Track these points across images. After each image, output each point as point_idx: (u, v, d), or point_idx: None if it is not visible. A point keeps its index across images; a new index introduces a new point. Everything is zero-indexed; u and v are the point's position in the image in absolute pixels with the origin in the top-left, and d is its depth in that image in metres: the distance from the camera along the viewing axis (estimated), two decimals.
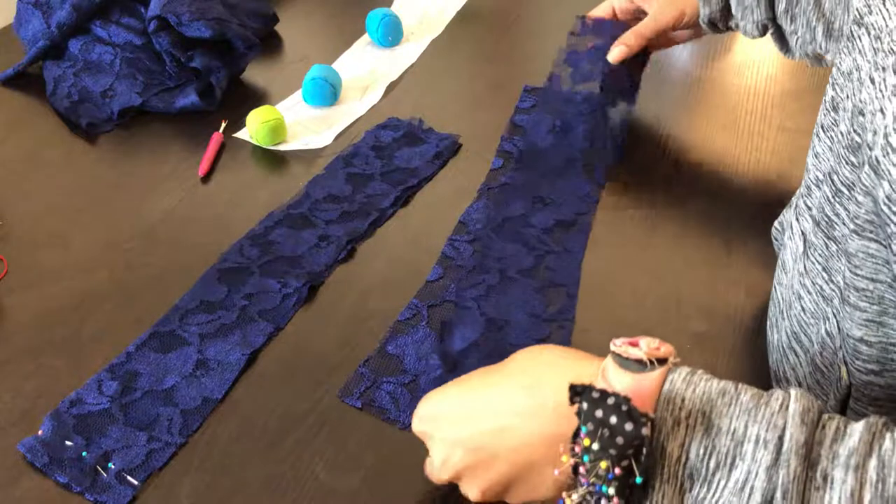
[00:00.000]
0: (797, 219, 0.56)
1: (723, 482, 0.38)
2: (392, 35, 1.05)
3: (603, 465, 0.38)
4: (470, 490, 0.47)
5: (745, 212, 0.77)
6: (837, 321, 0.49)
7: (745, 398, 0.40)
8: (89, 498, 0.52)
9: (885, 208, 0.40)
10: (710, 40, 1.07)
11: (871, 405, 0.48)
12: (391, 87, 0.97)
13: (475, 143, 0.87)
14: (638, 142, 0.87)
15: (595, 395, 0.39)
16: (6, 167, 0.83)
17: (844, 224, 0.48)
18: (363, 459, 0.55)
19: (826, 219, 0.50)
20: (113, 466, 0.54)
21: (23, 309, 0.66)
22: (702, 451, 0.39)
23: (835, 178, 0.49)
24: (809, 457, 0.37)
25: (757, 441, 0.38)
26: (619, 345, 0.42)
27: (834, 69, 0.51)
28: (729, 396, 0.40)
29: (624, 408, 0.38)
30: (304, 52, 1.05)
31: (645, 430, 0.38)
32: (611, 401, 0.38)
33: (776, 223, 0.66)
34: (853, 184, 0.46)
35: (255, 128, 0.85)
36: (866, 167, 0.42)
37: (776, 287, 0.60)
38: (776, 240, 0.66)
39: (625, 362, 0.42)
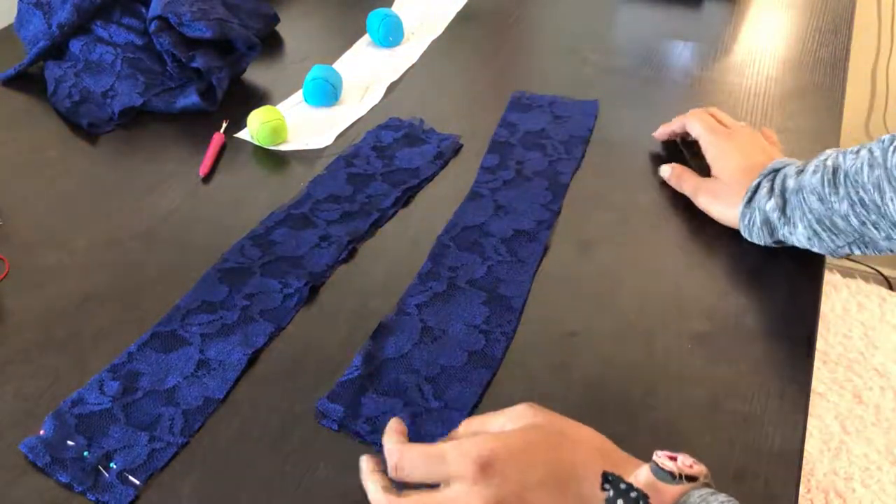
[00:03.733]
0: None
1: None
2: (392, 35, 1.05)
3: None
4: None
5: None
6: None
7: None
8: (91, 498, 0.52)
9: None
10: (710, 40, 1.07)
11: None
12: (392, 88, 0.97)
13: (476, 144, 0.87)
14: (638, 141, 0.87)
15: (622, 486, 0.44)
16: (6, 167, 0.83)
17: None
18: None
19: None
20: (115, 466, 0.54)
21: (24, 309, 0.66)
22: None
23: None
24: None
25: None
26: (659, 455, 0.46)
27: None
28: None
29: (641, 502, 0.43)
30: (304, 52, 1.05)
31: None
32: (633, 494, 0.44)
33: None
34: None
35: (255, 128, 0.85)
36: None
37: None
38: None
39: (659, 472, 0.46)
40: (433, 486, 0.47)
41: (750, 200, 0.71)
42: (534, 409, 0.50)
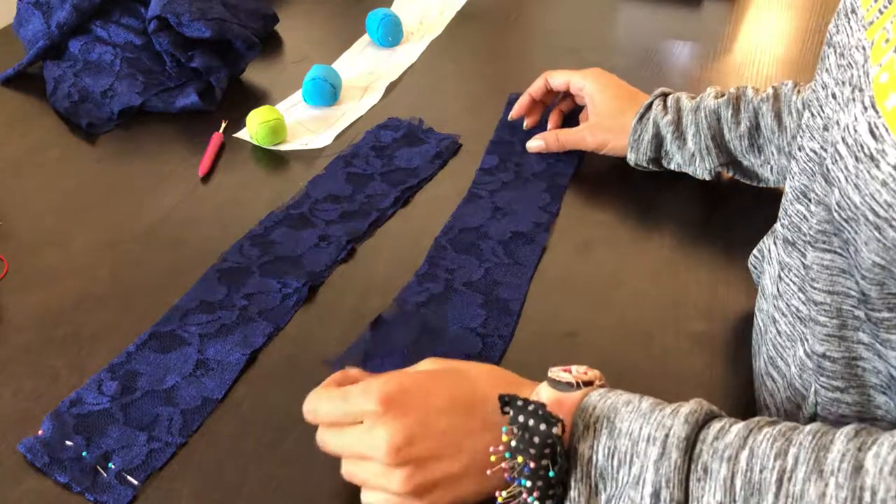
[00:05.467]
0: (774, 243, 0.56)
1: (625, 478, 0.43)
2: (392, 35, 1.05)
3: (520, 459, 0.44)
4: (406, 482, 0.46)
5: (745, 211, 0.77)
6: None
7: (645, 405, 0.45)
8: (89, 498, 0.52)
9: (836, 215, 0.41)
10: (710, 40, 1.07)
11: (837, 423, 0.46)
12: (391, 88, 0.97)
13: (475, 144, 0.87)
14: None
15: (519, 403, 0.45)
16: (6, 167, 0.83)
17: None
18: None
19: (802, 238, 0.50)
20: (113, 466, 0.54)
21: (23, 309, 0.66)
22: (607, 452, 0.44)
23: (811, 196, 0.48)
24: (692, 451, 0.42)
25: (648, 439, 0.43)
26: (553, 370, 0.49)
27: (808, 92, 0.51)
28: (632, 405, 0.45)
29: (540, 412, 0.44)
30: (304, 52, 1.05)
31: (556, 430, 0.43)
32: (531, 407, 0.44)
33: (755, 251, 0.64)
34: None
35: (255, 128, 0.85)
36: (818, 177, 0.43)
37: (756, 314, 0.60)
38: (755, 268, 0.65)
39: (556, 384, 0.48)
40: None
41: (642, 117, 0.77)
42: (433, 359, 0.53)
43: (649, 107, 0.77)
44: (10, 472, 0.54)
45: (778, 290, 0.53)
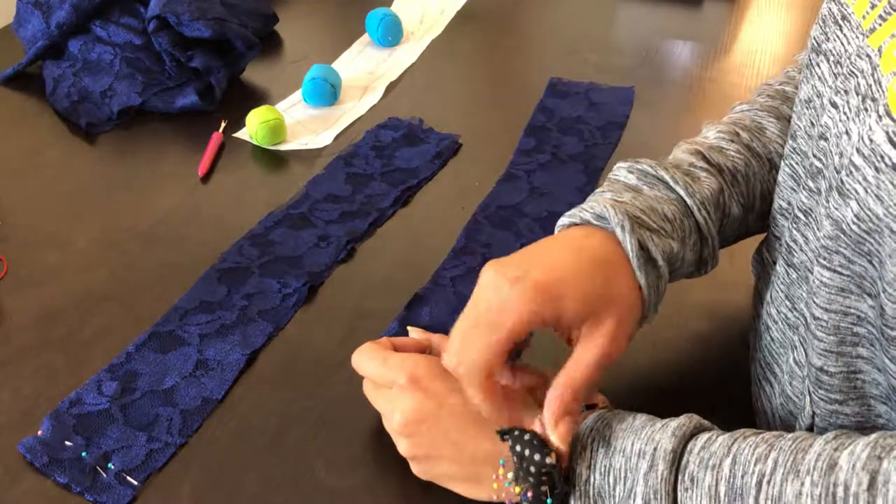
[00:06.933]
0: (766, 248, 0.56)
1: (621, 493, 0.44)
2: (392, 35, 1.05)
3: (517, 489, 0.45)
4: (407, 450, 0.51)
5: None
6: (805, 349, 0.48)
7: (637, 422, 0.46)
8: (89, 498, 0.52)
9: (854, 227, 0.41)
10: (710, 40, 1.07)
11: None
12: (391, 87, 0.97)
13: (475, 143, 0.87)
14: (638, 141, 0.87)
15: (516, 433, 0.46)
16: (6, 167, 0.83)
17: (802, 250, 0.48)
18: (363, 459, 0.55)
19: (787, 245, 0.50)
20: (113, 467, 0.54)
21: (23, 309, 0.66)
22: (604, 470, 0.45)
23: (794, 203, 0.49)
24: (679, 463, 0.43)
25: (639, 454, 0.44)
26: None
27: (796, 99, 0.51)
28: (626, 423, 0.46)
29: (535, 441, 0.45)
30: (303, 51, 1.05)
31: (549, 459, 0.45)
32: (527, 437, 0.46)
33: (755, 253, 0.62)
34: (810, 209, 0.47)
35: (254, 128, 0.85)
36: (833, 192, 0.42)
37: (754, 318, 0.59)
38: (755, 269, 0.63)
39: None
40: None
41: (646, 262, 0.50)
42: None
43: (643, 248, 0.49)
44: (10, 472, 0.54)
45: (770, 296, 0.53)
